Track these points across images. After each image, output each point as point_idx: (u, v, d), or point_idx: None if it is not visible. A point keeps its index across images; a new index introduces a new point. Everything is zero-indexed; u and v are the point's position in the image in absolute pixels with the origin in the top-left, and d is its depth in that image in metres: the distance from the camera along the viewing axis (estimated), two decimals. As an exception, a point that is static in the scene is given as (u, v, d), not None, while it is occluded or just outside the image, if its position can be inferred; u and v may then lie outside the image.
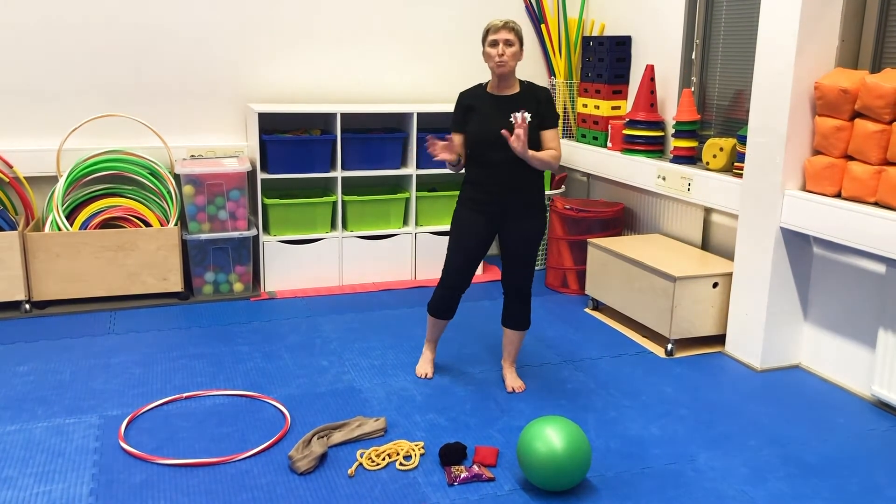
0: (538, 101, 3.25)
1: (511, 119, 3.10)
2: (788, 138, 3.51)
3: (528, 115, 3.07)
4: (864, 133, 3.28)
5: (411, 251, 4.98)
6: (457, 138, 3.29)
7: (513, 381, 3.50)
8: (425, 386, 3.50)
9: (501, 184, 3.25)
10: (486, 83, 3.35)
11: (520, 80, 3.30)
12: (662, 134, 4.67)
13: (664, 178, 4.42)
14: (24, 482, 2.69)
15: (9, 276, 4.17)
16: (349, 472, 2.78)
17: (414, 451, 2.91)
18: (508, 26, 3.18)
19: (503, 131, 3.08)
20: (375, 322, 4.27)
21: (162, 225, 4.47)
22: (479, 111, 3.26)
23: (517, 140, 3.05)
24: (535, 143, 3.22)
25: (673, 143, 4.43)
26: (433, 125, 4.92)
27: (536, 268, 5.31)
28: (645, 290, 4.02)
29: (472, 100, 3.30)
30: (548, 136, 3.25)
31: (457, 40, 5.20)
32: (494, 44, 3.18)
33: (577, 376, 3.63)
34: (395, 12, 5.08)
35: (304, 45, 4.93)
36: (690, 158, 4.37)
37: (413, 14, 5.11)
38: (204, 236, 4.50)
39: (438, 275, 3.55)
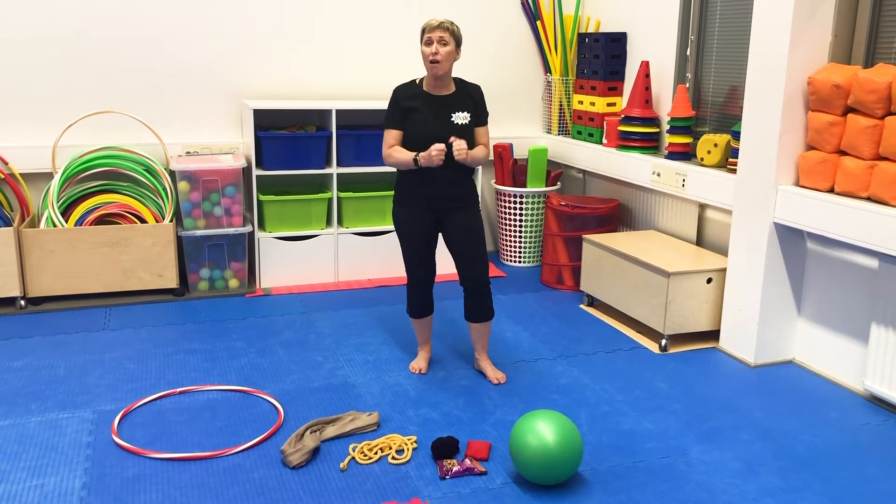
0: (474, 100, 3.39)
1: (453, 121, 3.31)
2: (782, 134, 3.51)
3: (463, 143, 3.23)
4: (856, 128, 3.29)
5: (407, 248, 4.98)
6: (397, 134, 3.35)
7: (494, 373, 3.53)
8: (419, 381, 3.51)
9: (438, 181, 3.33)
10: (421, 80, 3.39)
11: (453, 79, 3.38)
12: (657, 130, 4.67)
13: (659, 175, 4.42)
14: (17, 476, 2.70)
15: (4, 273, 4.17)
16: (341, 465, 2.79)
17: (406, 445, 2.92)
18: (444, 26, 3.23)
19: (452, 138, 3.23)
20: (370, 318, 4.28)
21: (157, 221, 4.47)
22: (419, 111, 3.32)
23: (460, 154, 3.23)
24: (471, 139, 3.36)
25: (668, 139, 4.44)
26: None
27: (531, 264, 5.32)
28: (639, 285, 4.02)
29: (409, 99, 3.35)
30: (481, 132, 3.43)
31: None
32: (429, 42, 3.24)
33: (571, 371, 3.64)
34: (391, 9, 5.08)
35: (299, 41, 4.94)
36: (685, 154, 4.37)
37: (409, 11, 5.11)
38: (199, 233, 4.50)
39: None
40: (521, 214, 5.18)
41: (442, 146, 3.21)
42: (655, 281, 3.89)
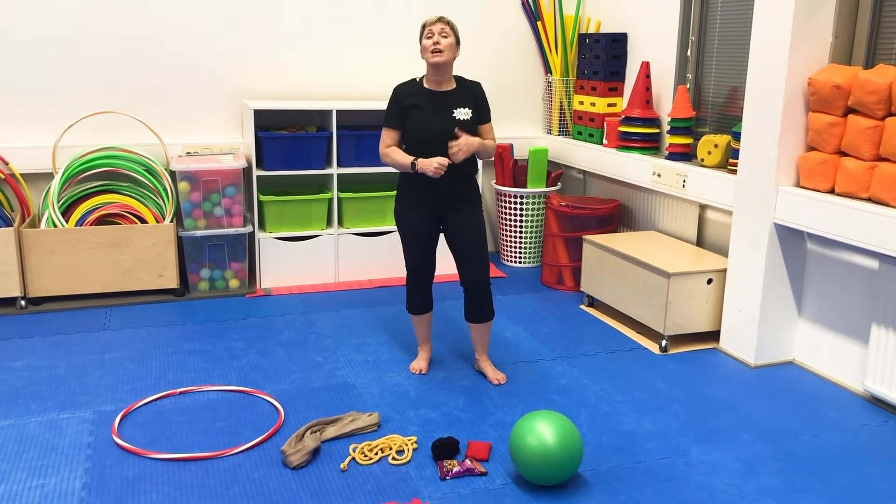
0: (475, 96, 3.40)
1: (455, 117, 3.30)
2: (782, 134, 3.51)
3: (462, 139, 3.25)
4: (857, 129, 3.29)
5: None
6: (395, 134, 3.35)
7: (494, 374, 3.53)
8: (419, 381, 3.51)
9: (441, 181, 3.31)
10: (421, 78, 3.39)
11: (454, 76, 3.39)
12: (658, 131, 4.67)
13: (659, 175, 4.42)
14: (17, 476, 2.70)
15: (4, 273, 4.17)
16: (342, 466, 2.79)
17: (407, 445, 2.92)
18: (443, 21, 3.27)
19: (456, 130, 3.23)
20: (370, 318, 4.28)
21: (157, 221, 4.47)
22: (420, 108, 3.31)
23: (458, 153, 3.23)
24: (474, 136, 3.37)
25: (668, 139, 4.44)
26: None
27: (532, 264, 5.32)
28: (640, 286, 4.02)
29: (410, 97, 3.34)
30: (485, 129, 3.45)
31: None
32: (430, 35, 3.26)
33: (571, 372, 3.64)
34: (391, 9, 5.08)
35: (299, 41, 4.94)
36: (685, 155, 4.37)
37: (409, 11, 5.11)
38: (199, 233, 4.50)
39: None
40: (521, 215, 5.18)
41: (445, 162, 3.21)
42: (656, 281, 3.89)
